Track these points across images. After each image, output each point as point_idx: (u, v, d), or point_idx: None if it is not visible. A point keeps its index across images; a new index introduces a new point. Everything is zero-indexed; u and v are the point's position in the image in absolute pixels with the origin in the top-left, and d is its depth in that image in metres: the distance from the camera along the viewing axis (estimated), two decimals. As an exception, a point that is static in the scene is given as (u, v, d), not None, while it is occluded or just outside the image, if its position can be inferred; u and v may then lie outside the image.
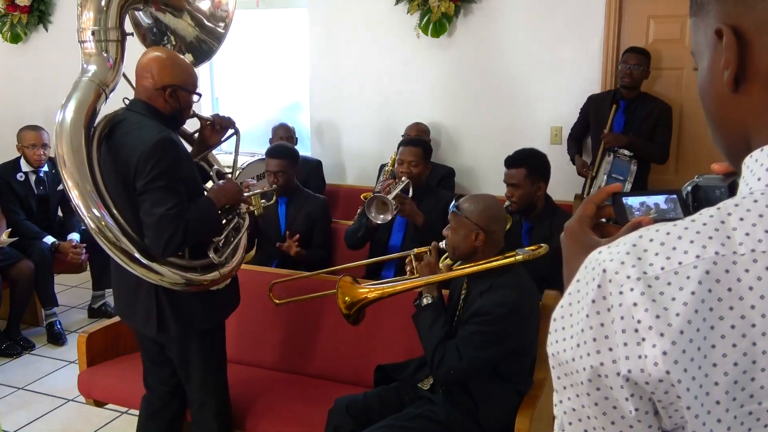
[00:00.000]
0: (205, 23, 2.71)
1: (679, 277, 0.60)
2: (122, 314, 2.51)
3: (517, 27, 4.46)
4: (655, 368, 0.59)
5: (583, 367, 0.63)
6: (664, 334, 0.59)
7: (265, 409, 2.66)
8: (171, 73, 2.29)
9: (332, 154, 5.09)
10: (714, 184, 0.81)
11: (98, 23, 2.34)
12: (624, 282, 0.61)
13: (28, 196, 4.31)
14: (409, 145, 3.48)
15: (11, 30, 5.64)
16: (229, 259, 2.38)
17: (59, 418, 3.37)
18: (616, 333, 0.61)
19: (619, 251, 0.63)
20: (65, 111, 2.22)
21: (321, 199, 3.73)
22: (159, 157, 2.13)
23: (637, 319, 0.60)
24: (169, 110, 2.31)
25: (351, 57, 4.90)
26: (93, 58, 2.35)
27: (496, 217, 2.35)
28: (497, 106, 4.61)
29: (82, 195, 2.11)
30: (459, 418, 2.25)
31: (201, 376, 2.43)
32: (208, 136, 2.52)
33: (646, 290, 0.60)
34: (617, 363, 0.61)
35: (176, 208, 2.13)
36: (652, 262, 0.61)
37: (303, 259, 3.49)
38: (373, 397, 2.43)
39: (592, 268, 0.65)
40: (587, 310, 0.63)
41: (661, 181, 4.22)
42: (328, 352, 2.92)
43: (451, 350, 2.19)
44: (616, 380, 0.61)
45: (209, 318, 2.42)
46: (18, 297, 4.11)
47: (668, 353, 0.59)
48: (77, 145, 2.16)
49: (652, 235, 0.63)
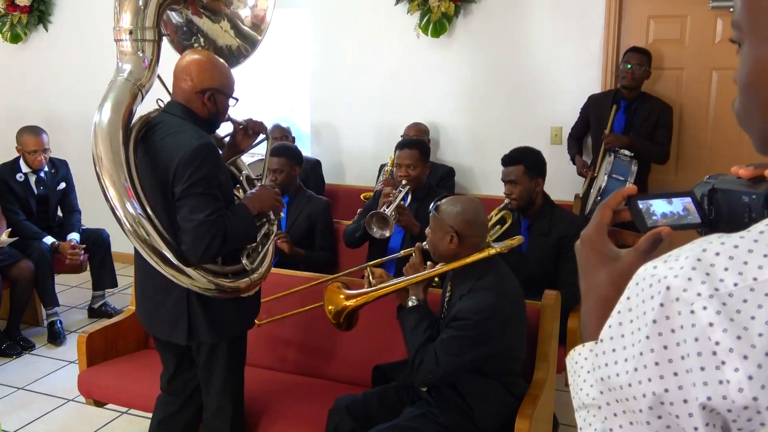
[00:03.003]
0: (241, 27, 2.68)
1: (756, 294, 0.54)
2: (145, 321, 2.43)
3: (517, 27, 4.46)
4: (739, 394, 0.53)
5: (643, 393, 0.58)
6: (748, 356, 0.53)
7: (265, 409, 2.66)
8: (211, 76, 2.26)
9: (332, 154, 5.09)
10: (737, 188, 0.76)
11: (135, 22, 2.30)
12: (695, 300, 0.56)
13: (28, 197, 4.31)
14: (405, 147, 3.44)
15: (11, 30, 5.63)
16: (259, 265, 2.35)
17: (59, 418, 3.37)
18: (689, 356, 0.55)
19: (683, 266, 0.57)
20: (102, 111, 2.18)
21: (323, 200, 3.73)
22: (200, 162, 2.10)
23: (714, 340, 0.54)
24: (206, 114, 2.28)
25: (351, 57, 4.90)
26: (128, 57, 2.31)
27: (472, 222, 2.28)
28: (497, 105, 4.61)
29: (119, 192, 2.07)
30: (456, 418, 2.25)
31: (223, 381, 2.40)
32: (240, 140, 2.48)
33: (721, 308, 0.55)
34: (686, 389, 0.56)
35: (215, 214, 2.10)
36: (723, 278, 0.56)
37: (302, 260, 3.49)
38: (373, 397, 2.43)
39: (649, 285, 0.59)
40: (647, 331, 0.58)
41: (662, 181, 4.22)
42: (328, 352, 2.92)
43: (430, 354, 2.17)
44: (683, 408, 0.56)
45: (242, 324, 2.41)
46: (18, 297, 4.11)
47: (754, 378, 0.53)
48: (116, 146, 2.11)
49: (717, 248, 0.57)
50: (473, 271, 2.26)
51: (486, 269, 2.25)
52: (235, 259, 2.28)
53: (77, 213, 4.53)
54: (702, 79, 4.18)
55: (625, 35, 4.28)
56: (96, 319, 4.43)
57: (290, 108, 5.37)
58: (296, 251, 3.47)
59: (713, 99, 4.19)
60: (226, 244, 2.14)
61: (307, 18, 4.99)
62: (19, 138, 4.26)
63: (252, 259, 2.32)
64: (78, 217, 4.52)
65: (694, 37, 4.16)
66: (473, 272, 2.26)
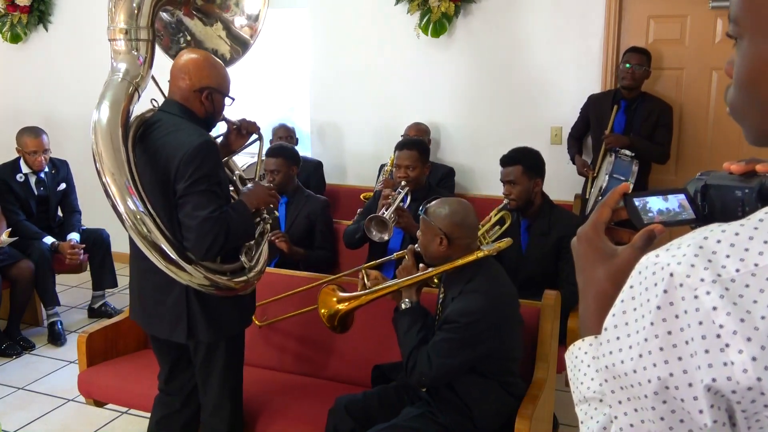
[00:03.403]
0: (234, 31, 2.69)
1: (758, 280, 0.56)
2: (143, 320, 2.42)
3: (517, 27, 4.46)
4: (744, 375, 0.56)
5: (648, 378, 0.60)
6: (752, 338, 0.55)
7: (265, 409, 2.66)
8: (209, 75, 2.28)
9: (332, 155, 5.08)
10: (730, 184, 0.78)
11: (130, 22, 2.30)
12: (698, 285, 0.58)
13: (28, 197, 4.31)
14: (405, 148, 3.43)
15: (11, 30, 5.63)
16: (256, 263, 2.37)
17: (59, 418, 3.37)
18: (693, 340, 0.57)
19: (685, 254, 0.59)
20: (100, 110, 2.18)
21: (321, 199, 3.73)
22: (201, 160, 2.11)
23: (718, 324, 0.56)
24: (203, 113, 2.29)
25: (351, 57, 4.90)
26: (122, 56, 2.30)
27: (460, 224, 2.28)
28: (497, 105, 4.61)
29: (120, 189, 2.07)
30: (456, 418, 2.25)
31: (221, 381, 2.40)
32: (233, 140, 2.49)
33: (724, 293, 0.57)
34: (690, 373, 0.58)
35: (218, 211, 2.12)
36: (725, 264, 0.58)
37: (301, 259, 3.49)
38: (373, 397, 2.43)
39: (652, 273, 0.61)
40: (651, 318, 0.60)
41: (662, 181, 4.23)
42: (328, 352, 2.92)
43: (423, 356, 2.17)
44: (688, 391, 0.58)
45: (240, 323, 2.42)
46: (18, 297, 4.11)
47: (758, 359, 0.55)
48: (117, 145, 2.12)
49: (718, 235, 0.59)
50: (464, 273, 2.26)
51: (476, 272, 2.24)
52: (233, 258, 2.29)
53: (77, 213, 4.53)
54: (702, 79, 4.18)
55: (625, 35, 4.28)
56: (96, 319, 4.42)
57: (290, 108, 5.36)
58: (295, 250, 3.47)
59: (713, 99, 4.19)
60: (228, 241, 2.15)
61: (306, 18, 4.99)
62: (19, 139, 4.26)
63: (249, 257, 2.34)
64: (78, 217, 4.52)
65: (694, 37, 4.16)
66: (464, 275, 2.26)
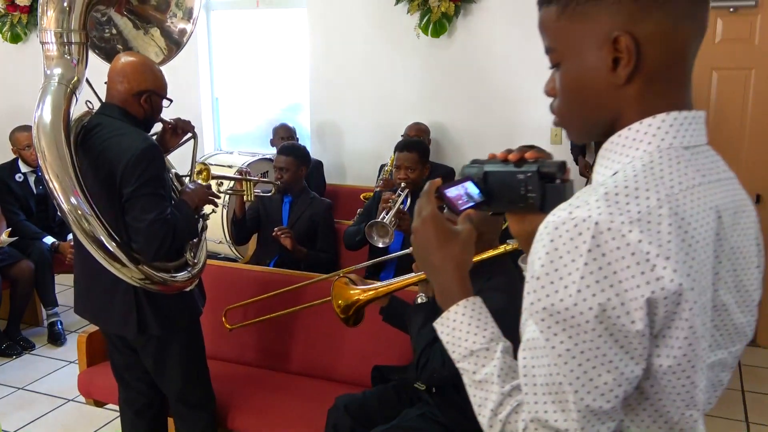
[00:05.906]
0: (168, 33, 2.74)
1: (653, 216, 0.76)
2: (92, 316, 2.47)
3: (517, 27, 4.45)
4: (671, 283, 0.75)
5: (590, 306, 0.75)
6: (669, 257, 0.75)
7: (264, 408, 2.66)
8: (147, 78, 2.31)
9: (332, 154, 5.08)
10: (509, 170, 0.99)
11: (61, 25, 2.29)
12: (621, 227, 0.75)
13: (27, 197, 4.32)
14: (405, 150, 3.42)
15: (11, 30, 5.64)
16: (198, 259, 2.44)
17: (59, 418, 3.37)
18: (629, 267, 0.74)
19: (599, 206, 0.76)
20: (42, 112, 2.17)
21: (326, 202, 3.72)
22: (147, 164, 2.15)
23: (645, 251, 0.74)
24: (143, 115, 2.33)
25: (351, 57, 4.90)
26: (56, 61, 2.30)
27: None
28: (498, 105, 4.60)
29: (62, 185, 2.08)
30: (457, 418, 2.24)
31: (182, 371, 2.45)
32: (168, 139, 2.52)
33: (642, 227, 0.75)
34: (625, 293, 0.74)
35: (164, 214, 2.16)
36: (630, 209, 0.76)
37: (303, 258, 3.49)
38: (372, 397, 2.43)
39: (573, 226, 0.76)
40: (584, 260, 0.75)
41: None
42: (328, 352, 2.92)
43: (436, 355, 2.14)
44: (622, 309, 0.75)
45: (190, 314, 2.45)
46: (18, 297, 4.11)
47: (677, 270, 0.75)
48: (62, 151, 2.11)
49: (610, 189, 0.78)
50: (482, 271, 2.23)
51: (496, 269, 2.22)
52: (176, 255, 2.34)
53: (77, 213, 4.52)
54: (702, 79, 4.18)
55: (625, 35, 4.28)
56: (96, 319, 4.42)
57: (291, 108, 5.37)
58: (299, 248, 3.47)
59: (713, 99, 4.19)
60: (175, 241, 2.21)
61: (306, 18, 4.99)
62: (12, 138, 4.29)
63: (193, 254, 2.41)
64: (78, 217, 4.51)
65: (694, 37, 4.16)
66: (483, 272, 2.23)
